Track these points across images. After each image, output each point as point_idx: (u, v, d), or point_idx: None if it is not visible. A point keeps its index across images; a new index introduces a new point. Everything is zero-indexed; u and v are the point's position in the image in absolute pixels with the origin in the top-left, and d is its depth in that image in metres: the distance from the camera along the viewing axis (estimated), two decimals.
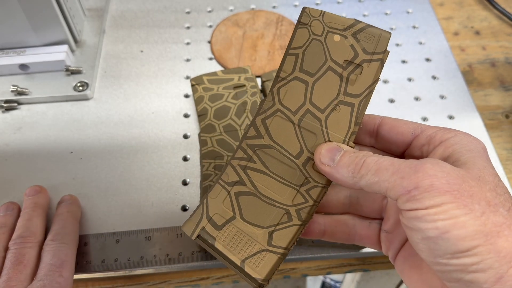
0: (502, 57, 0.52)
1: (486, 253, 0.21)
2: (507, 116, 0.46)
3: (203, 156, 0.41)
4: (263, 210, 0.28)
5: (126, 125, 0.45)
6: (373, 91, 0.27)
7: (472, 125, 0.45)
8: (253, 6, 0.56)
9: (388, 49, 0.27)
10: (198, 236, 0.29)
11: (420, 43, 0.52)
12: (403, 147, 0.28)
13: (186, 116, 0.46)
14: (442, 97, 0.47)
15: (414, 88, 0.48)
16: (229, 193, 0.29)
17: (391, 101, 0.47)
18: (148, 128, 0.45)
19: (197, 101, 0.44)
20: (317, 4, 0.57)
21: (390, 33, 0.26)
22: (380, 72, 0.27)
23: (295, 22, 0.54)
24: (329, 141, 0.27)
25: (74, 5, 0.50)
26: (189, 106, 0.46)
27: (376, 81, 0.27)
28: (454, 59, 0.51)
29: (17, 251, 0.33)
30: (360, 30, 0.27)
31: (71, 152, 0.43)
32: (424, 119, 0.45)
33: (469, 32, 0.54)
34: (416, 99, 0.47)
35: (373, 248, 0.30)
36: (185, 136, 0.44)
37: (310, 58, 0.28)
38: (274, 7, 0.56)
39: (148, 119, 0.45)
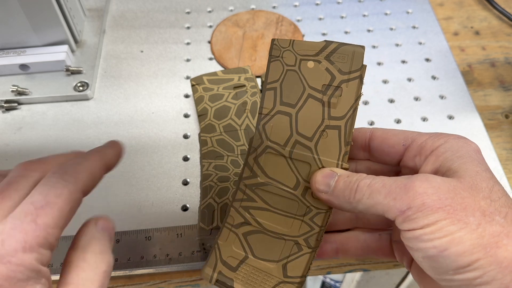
0: (501, 57, 0.52)
1: (487, 266, 0.21)
2: (506, 116, 0.47)
3: (203, 156, 0.41)
4: (273, 245, 0.29)
5: (126, 125, 0.45)
6: (357, 108, 0.27)
7: (471, 125, 0.45)
8: (253, 6, 0.56)
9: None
10: (217, 280, 0.30)
11: (420, 43, 0.52)
12: (397, 158, 0.28)
13: (186, 116, 0.46)
14: (441, 97, 0.47)
15: (414, 88, 0.48)
16: (237, 235, 0.30)
17: (391, 101, 0.47)
18: (148, 128, 0.45)
19: (197, 101, 0.44)
20: (317, 4, 0.57)
21: (363, 48, 0.26)
22: (361, 88, 0.27)
23: (295, 22, 0.54)
24: (323, 167, 0.27)
25: (74, 5, 0.50)
26: (189, 106, 0.47)
27: (358, 97, 0.27)
28: (454, 59, 0.51)
29: (18, 176, 0.24)
30: (332, 51, 0.27)
31: None
32: (424, 119, 0.45)
33: (468, 32, 0.54)
34: (416, 99, 0.47)
35: (390, 259, 0.30)
36: (185, 136, 0.44)
37: (288, 89, 0.28)
38: (274, 7, 0.56)
39: (148, 119, 0.45)
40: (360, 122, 0.45)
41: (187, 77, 0.49)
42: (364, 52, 0.26)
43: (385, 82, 0.49)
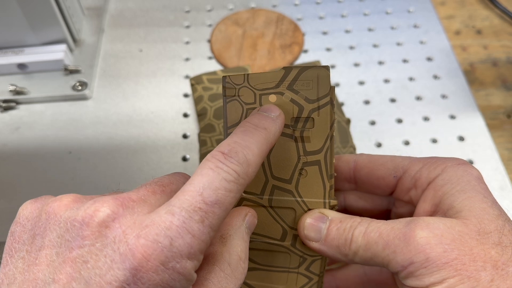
0: (503, 57, 0.51)
1: None
2: (508, 116, 0.46)
3: (202, 157, 0.40)
4: None
5: (125, 125, 0.45)
6: (334, 136, 0.24)
7: (473, 125, 0.44)
8: (253, 5, 0.56)
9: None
10: None
11: (421, 42, 0.52)
12: (388, 190, 0.26)
13: (185, 115, 0.45)
14: (443, 96, 0.47)
15: (416, 88, 0.48)
16: None
17: (392, 100, 0.46)
18: (147, 128, 0.44)
19: (197, 101, 0.44)
20: (317, 3, 0.56)
21: (328, 69, 0.24)
22: (334, 113, 0.24)
23: (296, 21, 0.54)
24: (309, 209, 0.25)
25: (73, 3, 0.50)
26: (188, 105, 0.46)
27: (332, 124, 0.24)
28: (456, 59, 0.50)
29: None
30: (294, 79, 0.24)
31: (70, 152, 0.43)
32: (426, 118, 0.45)
33: (470, 31, 0.54)
34: (418, 98, 0.47)
35: None
36: (185, 136, 0.44)
37: None
38: (274, 6, 0.56)
39: (147, 119, 0.45)
40: (362, 121, 0.45)
41: (187, 76, 0.49)
42: (329, 74, 0.23)
43: (386, 81, 0.48)
